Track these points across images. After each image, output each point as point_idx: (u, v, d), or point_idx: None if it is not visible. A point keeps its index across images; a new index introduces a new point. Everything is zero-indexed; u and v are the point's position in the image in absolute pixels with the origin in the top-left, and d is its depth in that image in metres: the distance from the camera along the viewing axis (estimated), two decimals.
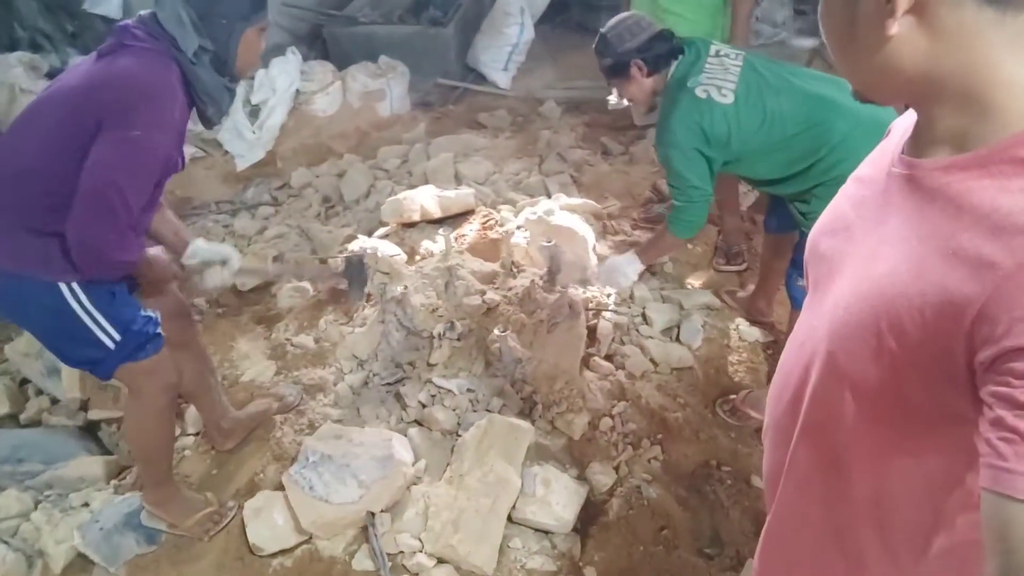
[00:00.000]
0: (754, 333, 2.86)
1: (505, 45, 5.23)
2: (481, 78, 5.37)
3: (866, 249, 0.84)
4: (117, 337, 1.92)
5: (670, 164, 2.27)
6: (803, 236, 2.27)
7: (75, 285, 1.84)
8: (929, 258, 0.72)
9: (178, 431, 2.53)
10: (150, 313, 2.03)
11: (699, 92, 2.15)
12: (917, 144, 0.81)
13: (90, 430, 2.71)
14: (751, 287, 3.00)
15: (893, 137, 0.92)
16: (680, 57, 2.27)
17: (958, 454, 0.76)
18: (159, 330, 2.04)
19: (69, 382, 2.69)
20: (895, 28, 0.71)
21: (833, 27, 0.80)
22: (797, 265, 2.34)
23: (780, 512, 1.08)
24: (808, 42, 5.55)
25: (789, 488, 1.04)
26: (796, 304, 2.42)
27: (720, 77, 2.17)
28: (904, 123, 0.90)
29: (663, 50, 2.26)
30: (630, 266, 2.52)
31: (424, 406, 2.51)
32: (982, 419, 0.67)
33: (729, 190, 3.10)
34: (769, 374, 2.74)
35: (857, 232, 0.89)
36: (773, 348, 2.82)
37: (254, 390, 2.75)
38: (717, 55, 2.25)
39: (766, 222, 2.71)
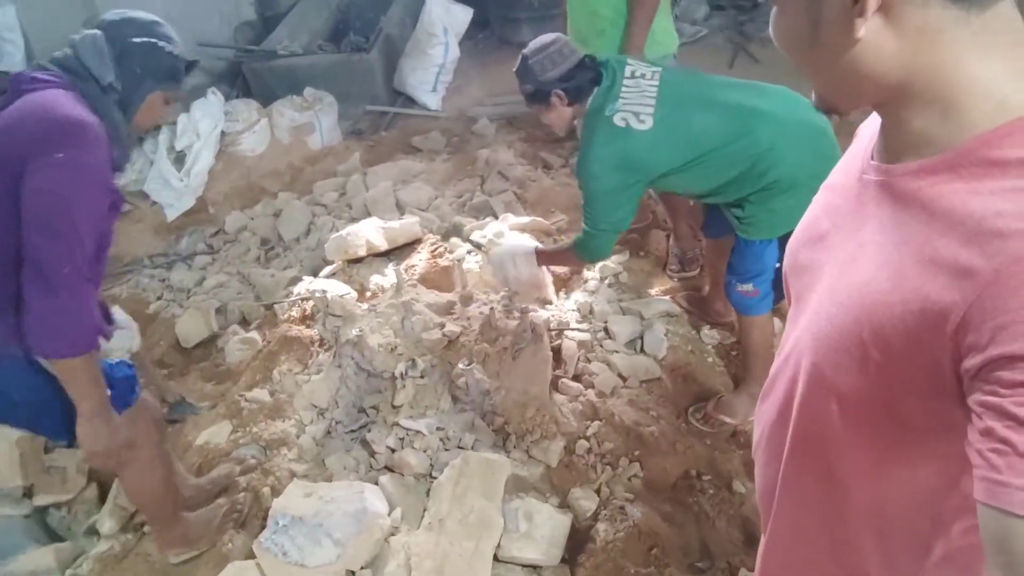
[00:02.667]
0: (716, 336, 2.86)
1: (431, 66, 5.17)
2: (410, 101, 5.29)
3: (844, 258, 0.83)
4: (107, 391, 1.80)
5: (587, 194, 2.23)
6: (739, 240, 2.27)
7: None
8: (907, 265, 0.72)
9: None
10: (112, 359, 1.97)
11: (617, 120, 2.11)
12: (886, 148, 0.80)
13: (38, 518, 2.53)
14: (707, 288, 2.99)
15: (861, 142, 0.90)
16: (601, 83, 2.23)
17: (951, 459, 0.74)
18: (133, 371, 1.98)
19: (8, 469, 2.51)
20: (863, 30, 0.69)
21: (792, 32, 0.77)
22: (735, 271, 2.33)
23: (777, 529, 1.06)
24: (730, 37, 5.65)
25: (785, 504, 1.02)
26: (741, 309, 2.40)
27: (637, 101, 2.13)
28: (871, 126, 0.88)
29: (584, 80, 2.21)
30: (525, 262, 2.51)
31: (393, 451, 2.41)
32: (971, 428, 0.66)
33: (672, 197, 3.09)
34: (735, 376, 2.73)
35: (834, 241, 0.87)
36: (736, 349, 2.82)
37: (210, 453, 2.61)
38: (633, 76, 2.19)
39: (704, 228, 2.71)
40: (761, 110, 2.12)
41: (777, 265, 2.22)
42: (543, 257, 2.52)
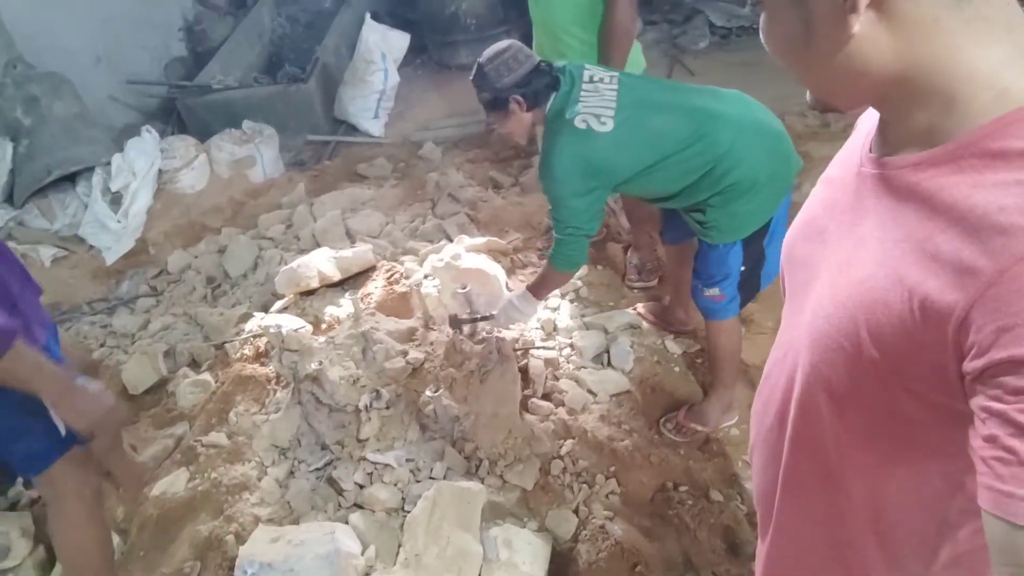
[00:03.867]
0: (681, 345, 2.85)
1: (372, 93, 5.12)
2: (352, 129, 5.22)
3: (842, 254, 0.81)
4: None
5: (552, 196, 2.21)
6: (702, 244, 2.26)
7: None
8: (906, 262, 0.70)
9: None
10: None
11: (578, 123, 2.10)
12: (884, 142, 0.78)
13: None
14: (668, 298, 2.99)
15: (859, 134, 0.88)
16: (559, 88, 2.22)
17: (955, 460, 0.72)
18: None
19: None
20: (857, 25, 0.68)
21: (784, 35, 0.76)
22: (700, 276, 2.32)
23: (779, 535, 1.04)
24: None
25: (786, 507, 1.01)
26: (708, 314, 2.39)
27: (597, 104, 2.12)
28: (869, 118, 0.87)
29: (542, 84, 2.19)
30: (526, 304, 2.45)
31: (362, 487, 2.32)
32: (973, 431, 0.65)
33: (637, 206, 3.08)
34: (702, 383, 2.72)
35: (831, 236, 0.86)
36: (701, 356, 2.81)
37: (167, 504, 2.48)
38: (591, 80, 2.18)
39: (663, 234, 2.71)
40: (719, 112, 2.12)
41: (743, 268, 2.22)
42: (536, 292, 2.44)
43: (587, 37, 2.75)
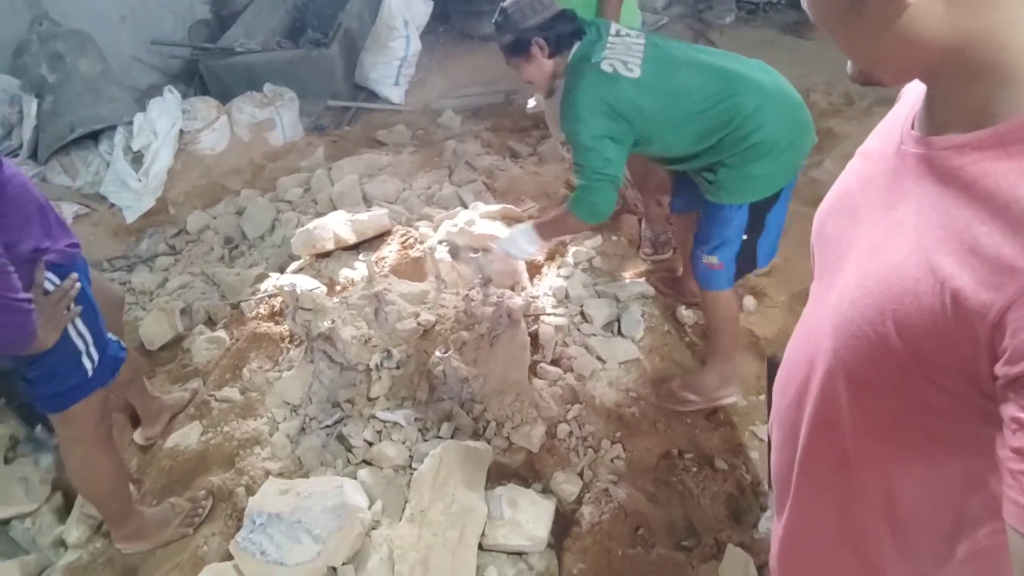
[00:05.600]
0: (692, 316, 2.85)
1: (393, 60, 5.10)
2: (373, 95, 5.22)
3: (874, 237, 0.77)
4: (96, 361, 1.83)
5: (576, 140, 2.13)
6: (708, 207, 2.24)
7: (52, 277, 1.72)
8: (941, 252, 0.66)
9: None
10: (113, 336, 1.98)
11: (605, 66, 2.07)
12: (929, 119, 0.73)
13: (1, 531, 2.42)
14: (681, 269, 2.98)
15: (904, 105, 0.83)
16: (582, 38, 2.21)
17: (978, 456, 0.70)
18: (123, 356, 1.99)
19: None
20: None
21: (832, 2, 0.71)
22: (701, 240, 2.30)
23: (795, 514, 1.03)
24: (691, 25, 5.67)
25: (803, 489, 0.99)
26: (704, 283, 2.35)
27: (624, 54, 2.11)
28: (915, 88, 0.82)
29: (565, 30, 2.18)
30: (528, 240, 2.38)
31: (371, 444, 2.36)
32: (1001, 440, 0.63)
33: (646, 175, 3.07)
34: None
35: (864, 215, 0.82)
36: None
37: (180, 456, 2.53)
38: (618, 34, 2.18)
39: (672, 203, 2.67)
40: (745, 75, 2.11)
41: (745, 237, 2.21)
42: (542, 230, 2.37)
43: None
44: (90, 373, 1.85)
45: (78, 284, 1.81)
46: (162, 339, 3.12)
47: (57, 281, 1.77)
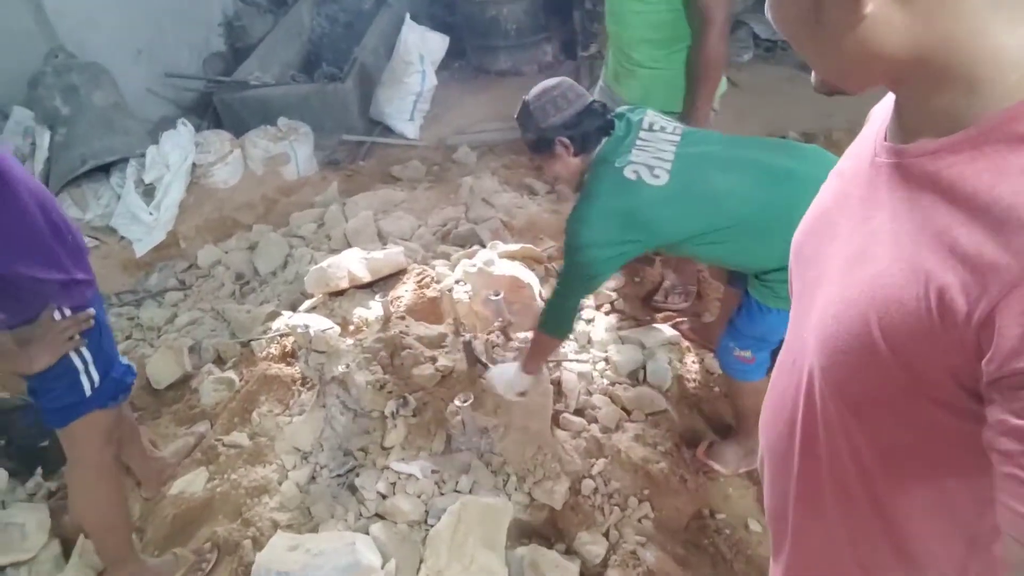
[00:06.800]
0: None
1: (408, 95, 5.07)
2: (388, 131, 5.17)
3: (853, 248, 0.76)
4: (97, 382, 1.87)
5: (574, 240, 1.93)
6: (752, 303, 2.04)
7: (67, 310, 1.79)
8: (922, 256, 0.65)
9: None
10: (125, 360, 2.04)
11: (628, 173, 1.85)
12: (901, 129, 0.73)
13: None
14: (707, 316, 2.88)
15: (873, 124, 0.83)
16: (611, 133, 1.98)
17: (984, 475, 0.66)
18: (132, 380, 2.04)
19: None
20: (871, 5, 0.63)
21: (792, 12, 0.71)
22: (737, 334, 2.11)
23: (796, 552, 0.98)
24: None
25: (801, 525, 0.95)
26: (732, 374, 2.20)
27: (652, 155, 1.89)
28: (883, 109, 0.82)
29: (592, 127, 1.95)
30: (518, 380, 2.24)
31: (384, 497, 2.24)
32: (989, 433, 0.61)
33: None
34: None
35: (842, 231, 0.81)
36: None
37: (185, 503, 2.42)
38: (651, 128, 1.96)
39: (730, 277, 2.46)
40: (797, 172, 1.87)
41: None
42: (528, 366, 2.21)
43: (658, 55, 2.49)
44: (88, 392, 1.87)
45: (92, 321, 1.86)
46: (169, 378, 3.03)
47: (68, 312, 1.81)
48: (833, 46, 0.69)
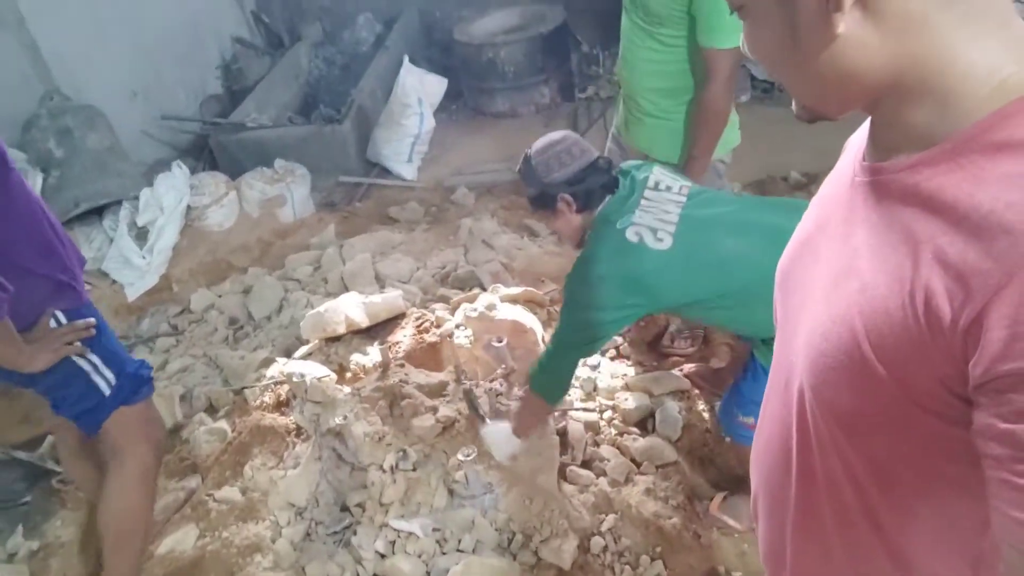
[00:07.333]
0: None
1: (406, 136, 5.04)
2: (385, 172, 5.14)
3: (836, 268, 0.76)
4: (112, 380, 1.90)
5: (573, 299, 1.90)
6: (758, 368, 1.98)
7: (60, 315, 1.81)
8: (907, 267, 0.65)
9: None
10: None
11: (630, 235, 1.79)
12: (877, 148, 0.74)
13: None
14: (715, 361, 2.80)
15: (849, 153, 0.85)
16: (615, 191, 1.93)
17: (981, 485, 0.64)
18: (152, 374, 2.06)
19: None
20: (842, 25, 0.65)
21: (769, 40, 0.73)
22: (742, 399, 2.03)
23: None
24: None
25: (802, 554, 0.93)
26: (736, 439, 2.15)
27: (656, 217, 1.83)
28: (859, 138, 0.83)
29: (596, 184, 1.90)
30: (509, 445, 2.20)
31: (383, 556, 2.13)
32: (978, 438, 0.61)
33: None
34: None
35: (824, 253, 0.81)
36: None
37: (174, 563, 2.30)
38: (656, 187, 1.89)
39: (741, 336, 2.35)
40: None
41: None
42: (520, 431, 2.18)
43: (666, 104, 2.43)
44: (107, 392, 1.90)
45: (92, 331, 1.87)
46: None
47: (64, 320, 1.84)
48: (810, 68, 0.70)
